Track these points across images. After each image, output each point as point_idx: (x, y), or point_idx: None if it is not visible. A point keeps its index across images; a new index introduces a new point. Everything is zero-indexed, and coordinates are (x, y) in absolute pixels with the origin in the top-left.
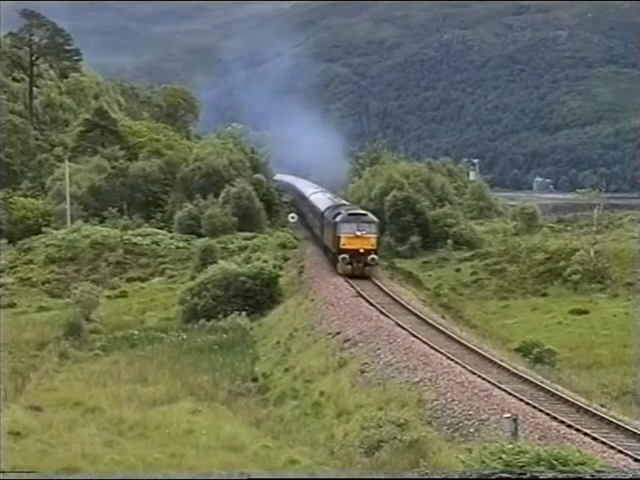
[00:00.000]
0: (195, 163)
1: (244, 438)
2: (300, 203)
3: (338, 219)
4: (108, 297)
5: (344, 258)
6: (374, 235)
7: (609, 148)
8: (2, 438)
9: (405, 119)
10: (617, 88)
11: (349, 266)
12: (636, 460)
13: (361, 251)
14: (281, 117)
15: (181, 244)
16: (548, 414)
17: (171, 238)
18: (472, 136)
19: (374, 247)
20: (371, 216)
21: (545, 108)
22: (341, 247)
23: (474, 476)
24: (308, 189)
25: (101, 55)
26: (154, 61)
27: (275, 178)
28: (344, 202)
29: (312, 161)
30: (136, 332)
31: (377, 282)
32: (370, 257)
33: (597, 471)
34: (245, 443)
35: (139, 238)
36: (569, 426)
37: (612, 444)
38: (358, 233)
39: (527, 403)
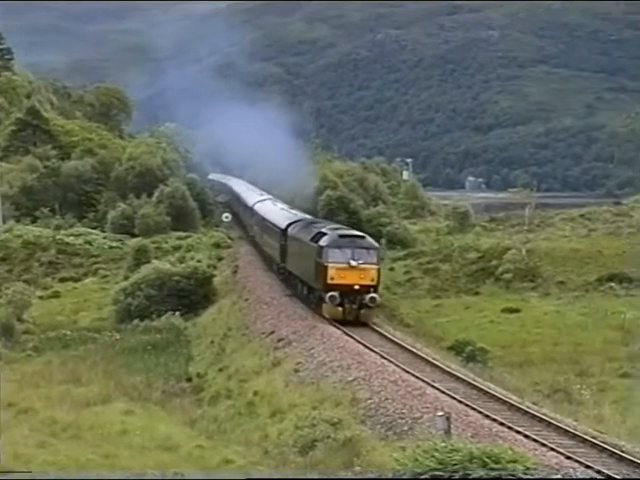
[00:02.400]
0: (128, 162)
1: (178, 438)
2: (242, 213)
3: (324, 242)
4: (40, 297)
5: (333, 297)
6: (375, 266)
7: (540, 147)
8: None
9: (339, 118)
10: (548, 88)
11: (339, 308)
12: (568, 457)
13: (356, 287)
14: (215, 116)
15: (114, 244)
16: (481, 412)
17: (104, 238)
18: (405, 135)
19: (374, 282)
20: (370, 240)
21: (477, 108)
22: (329, 282)
23: (407, 475)
24: (250, 195)
25: (33, 54)
26: (88, 60)
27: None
28: (307, 216)
29: (246, 160)
30: (69, 332)
31: None
32: (369, 296)
33: (528, 469)
34: (179, 443)
35: (72, 238)
36: (501, 424)
37: (544, 442)
38: (353, 263)
39: (460, 401)
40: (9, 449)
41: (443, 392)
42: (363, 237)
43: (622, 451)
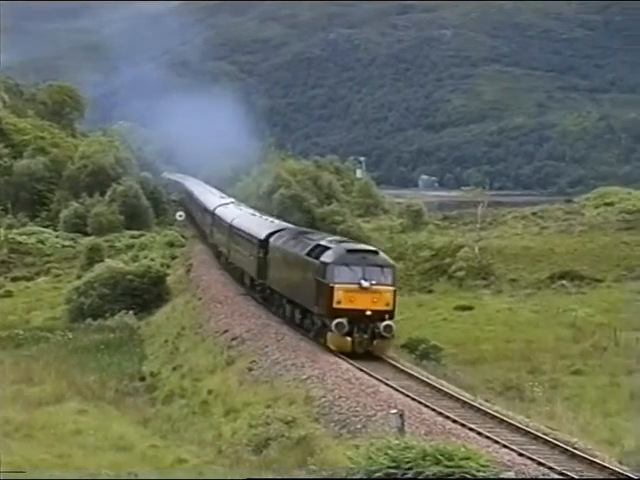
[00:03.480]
0: (81, 161)
1: (132, 438)
2: (200, 217)
3: (328, 258)
4: None
5: (340, 325)
6: (390, 287)
7: (493, 146)
8: None
9: (292, 117)
10: (500, 87)
11: (347, 338)
12: (520, 454)
13: (368, 313)
14: (168, 115)
15: (67, 243)
16: (434, 410)
17: (57, 237)
18: (359, 134)
19: (390, 307)
20: (384, 256)
21: (430, 106)
22: (335, 306)
23: (359, 475)
24: (209, 198)
25: None
26: (41, 59)
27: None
28: (288, 224)
29: (199, 159)
30: (21, 332)
31: None
32: (384, 324)
33: (482, 466)
34: (133, 443)
35: (24, 237)
36: (454, 421)
37: (496, 439)
38: (365, 284)
39: (413, 399)
40: None
41: (396, 390)
42: (376, 252)
43: (574, 448)
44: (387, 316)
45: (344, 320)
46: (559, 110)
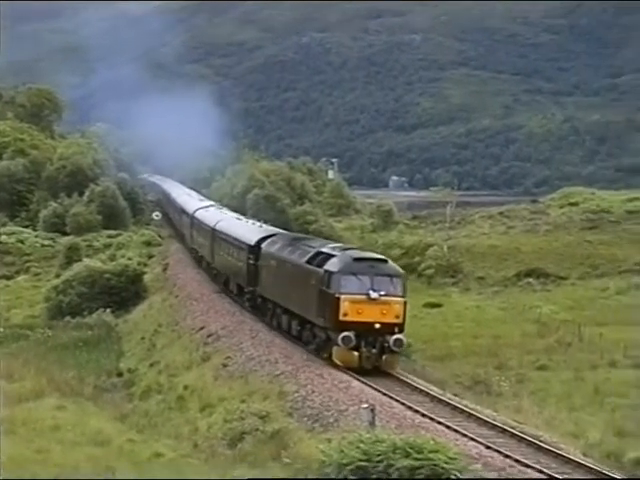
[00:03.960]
0: (60, 162)
1: (110, 433)
2: (178, 220)
3: (334, 267)
4: None
5: (347, 339)
6: (400, 299)
7: (461, 147)
8: None
9: (266, 119)
10: (468, 90)
11: (355, 352)
12: (487, 447)
13: (377, 326)
14: (145, 116)
15: (46, 242)
16: (404, 404)
17: (36, 236)
18: (331, 136)
19: (399, 320)
20: (393, 264)
21: (400, 109)
22: (341, 319)
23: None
24: (188, 201)
25: None
26: (20, 61)
27: (146, 179)
28: (279, 230)
29: (175, 159)
30: (1, 330)
31: None
32: (394, 338)
33: (450, 458)
34: (111, 437)
35: (4, 237)
36: (424, 415)
37: (465, 432)
38: (373, 294)
39: (384, 394)
40: None
41: (368, 385)
42: (385, 261)
43: (540, 441)
44: (397, 329)
45: (351, 333)
46: (525, 112)
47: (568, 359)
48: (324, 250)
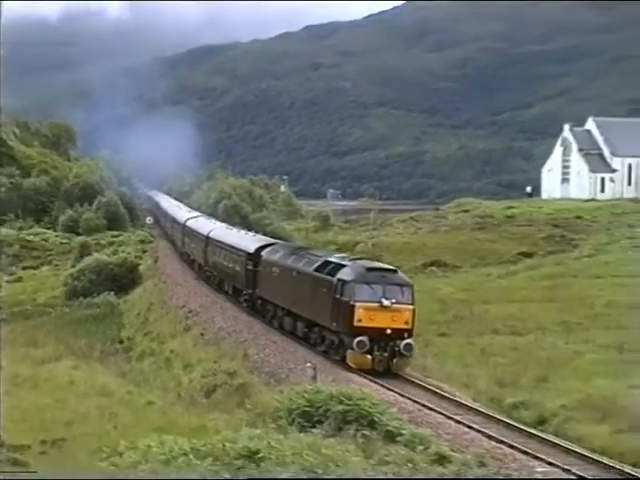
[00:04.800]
0: (74, 179)
1: (113, 386)
2: (170, 227)
3: (348, 276)
4: (8, 281)
5: (361, 343)
6: (409, 306)
7: (382, 167)
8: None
9: (233, 146)
10: (387, 124)
11: (368, 356)
12: (401, 395)
13: (388, 332)
14: (139, 144)
15: (64, 241)
16: (338, 364)
17: (56, 236)
18: (283, 159)
19: (409, 326)
20: (402, 275)
21: (335, 138)
22: (355, 324)
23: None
24: (178, 211)
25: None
26: (43, 102)
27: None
28: (273, 239)
29: (163, 177)
30: (29, 307)
31: None
32: (404, 343)
33: (373, 404)
34: (114, 390)
35: (31, 236)
36: (352, 371)
37: (383, 384)
38: (386, 302)
39: (323, 357)
40: None
41: (310, 350)
42: (395, 271)
43: (441, 390)
44: (406, 334)
45: (365, 338)
46: (430, 142)
47: (462, 328)
48: (332, 260)
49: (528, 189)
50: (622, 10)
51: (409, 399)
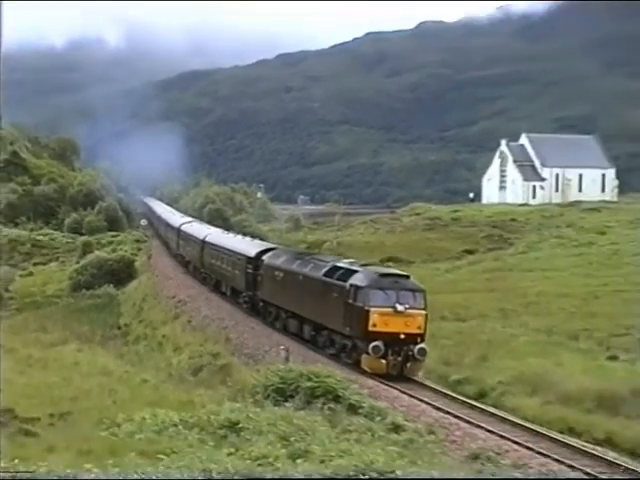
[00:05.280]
0: (78, 187)
1: (112, 366)
2: (164, 230)
3: (362, 282)
4: (21, 276)
5: (377, 348)
6: (422, 311)
7: (345, 177)
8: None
9: (216, 158)
10: (350, 139)
11: (382, 360)
12: (362, 374)
13: (402, 337)
14: (135, 157)
15: (69, 240)
16: (307, 347)
17: (63, 236)
18: (259, 169)
19: (421, 331)
20: (414, 280)
21: (305, 152)
22: (370, 329)
23: (259, 388)
24: (171, 217)
25: (14, 116)
26: (51, 120)
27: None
28: (275, 245)
29: (156, 184)
30: (39, 298)
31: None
32: (418, 347)
33: (338, 381)
34: (113, 370)
35: (41, 236)
36: (319, 353)
37: (345, 366)
38: (400, 308)
39: (294, 341)
40: (2, 375)
41: (283, 335)
42: (407, 277)
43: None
44: (419, 339)
45: (380, 343)
46: (387, 154)
47: None
48: (341, 265)
49: (471, 195)
50: (549, 43)
51: (368, 377)
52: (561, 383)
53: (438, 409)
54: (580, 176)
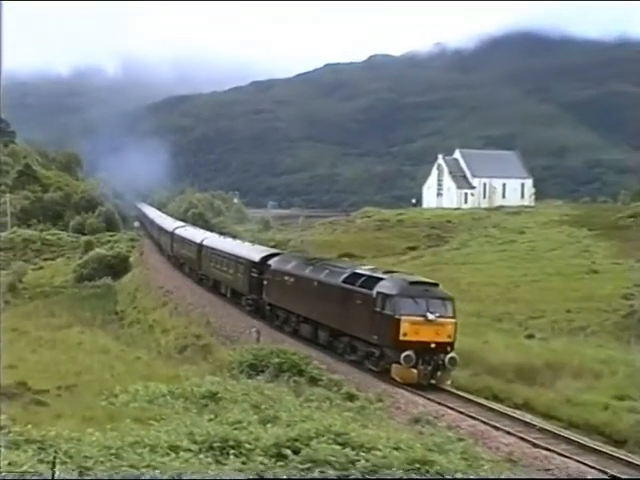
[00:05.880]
0: (81, 194)
1: (110, 346)
2: (157, 233)
3: (391, 290)
4: (32, 269)
5: (408, 357)
6: (452, 320)
7: (307, 185)
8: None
9: (198, 169)
10: (312, 153)
11: (413, 370)
12: (321, 352)
13: (432, 346)
14: (129, 169)
15: (74, 239)
16: (275, 329)
17: (68, 236)
18: (235, 179)
19: (452, 339)
20: (443, 289)
21: (274, 164)
22: (401, 338)
23: (235, 365)
24: (164, 221)
25: (26, 134)
26: (58, 137)
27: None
28: (278, 250)
29: (146, 191)
30: (48, 288)
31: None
32: (449, 357)
33: (301, 357)
34: (111, 349)
35: (49, 236)
36: (285, 335)
37: (310, 345)
38: (431, 316)
39: (264, 323)
40: (15, 354)
41: (254, 319)
42: (436, 285)
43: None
44: (449, 348)
45: (412, 353)
46: (343, 166)
47: None
48: (362, 272)
49: (413, 201)
50: (477, 74)
51: (329, 355)
52: (487, 358)
53: (385, 381)
54: (504, 185)
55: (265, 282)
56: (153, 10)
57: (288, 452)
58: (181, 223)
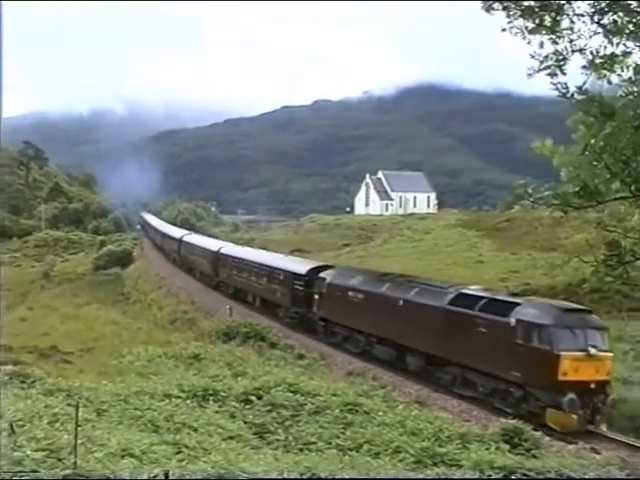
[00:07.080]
0: (97, 204)
1: (120, 319)
2: (161, 239)
3: (544, 319)
4: (60, 261)
5: (572, 402)
6: (609, 354)
7: (269, 197)
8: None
9: (185, 186)
10: (272, 173)
11: (573, 416)
12: (286, 326)
13: (592, 386)
14: (134, 184)
15: (91, 239)
16: (245, 307)
17: (87, 236)
18: (213, 192)
19: (609, 377)
20: (595, 316)
21: (242, 181)
22: (560, 378)
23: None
24: (169, 228)
25: (55, 160)
26: (78, 163)
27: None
28: (326, 262)
29: (146, 201)
30: (72, 276)
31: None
32: (610, 398)
33: (264, 327)
34: (120, 321)
35: (73, 236)
36: (252, 311)
37: (272, 319)
38: (593, 351)
39: (235, 303)
40: (50, 324)
41: (228, 300)
42: (590, 312)
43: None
44: (607, 388)
45: (575, 396)
46: (295, 183)
47: None
48: (469, 292)
49: (347, 209)
50: (395, 115)
51: (288, 328)
52: None
53: (328, 345)
54: (414, 197)
55: (317, 296)
56: (150, 60)
57: (253, 398)
58: (186, 231)
